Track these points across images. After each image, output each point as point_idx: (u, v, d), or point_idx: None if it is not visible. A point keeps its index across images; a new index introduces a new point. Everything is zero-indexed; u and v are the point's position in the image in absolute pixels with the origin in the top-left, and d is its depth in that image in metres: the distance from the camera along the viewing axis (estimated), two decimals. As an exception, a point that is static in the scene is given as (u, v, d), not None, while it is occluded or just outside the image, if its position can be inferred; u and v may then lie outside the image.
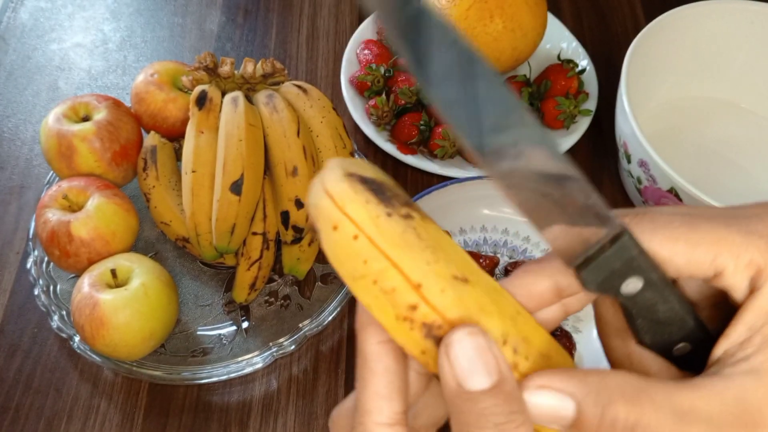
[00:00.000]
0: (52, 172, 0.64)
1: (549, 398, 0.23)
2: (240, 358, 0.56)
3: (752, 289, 0.24)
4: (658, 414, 0.22)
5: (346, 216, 0.24)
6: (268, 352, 0.56)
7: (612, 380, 0.23)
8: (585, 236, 0.24)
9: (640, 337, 0.27)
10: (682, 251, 0.24)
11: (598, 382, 0.23)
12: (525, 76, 0.70)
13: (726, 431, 0.22)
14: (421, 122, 0.66)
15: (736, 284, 0.24)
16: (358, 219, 0.24)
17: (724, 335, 0.24)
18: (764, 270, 0.23)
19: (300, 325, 0.57)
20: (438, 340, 0.24)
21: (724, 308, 0.26)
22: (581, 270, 0.25)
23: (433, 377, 0.26)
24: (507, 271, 0.61)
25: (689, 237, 0.24)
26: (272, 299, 0.59)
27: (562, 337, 0.56)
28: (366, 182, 0.24)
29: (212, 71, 0.58)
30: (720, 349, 0.24)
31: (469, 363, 0.22)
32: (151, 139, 0.61)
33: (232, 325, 0.58)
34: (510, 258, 0.63)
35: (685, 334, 0.27)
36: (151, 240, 0.62)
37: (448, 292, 0.24)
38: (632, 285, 0.25)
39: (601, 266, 0.24)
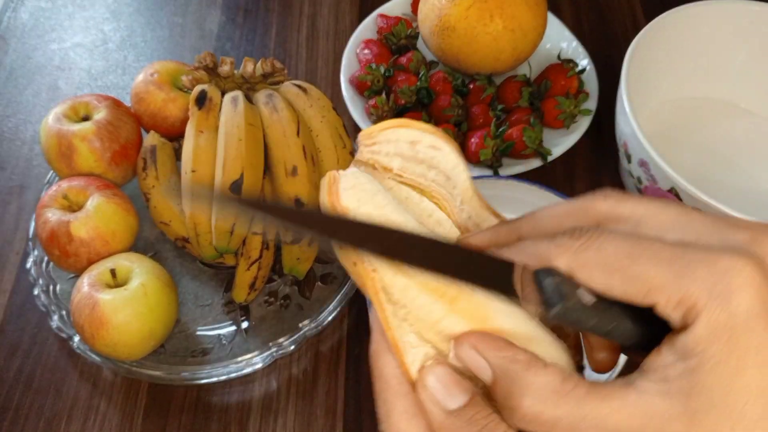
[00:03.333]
0: (52, 171, 0.64)
1: (473, 359, 0.26)
2: (240, 359, 0.56)
3: (684, 324, 0.24)
4: (562, 412, 0.24)
5: None
6: (268, 353, 0.56)
7: (534, 375, 0.25)
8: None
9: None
10: (618, 284, 0.25)
11: (518, 370, 0.26)
12: (525, 75, 0.70)
13: None
14: (421, 122, 0.66)
15: (668, 317, 0.25)
16: None
17: (655, 352, 0.25)
18: (694, 308, 0.24)
19: (300, 325, 0.57)
20: None
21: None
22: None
23: None
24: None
25: (627, 271, 0.25)
26: (272, 299, 0.59)
27: None
28: None
29: (212, 71, 0.58)
30: (648, 363, 0.26)
31: (445, 388, 0.26)
32: (150, 139, 0.60)
33: (231, 325, 0.58)
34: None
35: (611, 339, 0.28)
36: (151, 240, 0.62)
37: None
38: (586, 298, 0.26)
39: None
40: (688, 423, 0.23)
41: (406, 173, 0.30)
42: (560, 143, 0.67)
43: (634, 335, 0.27)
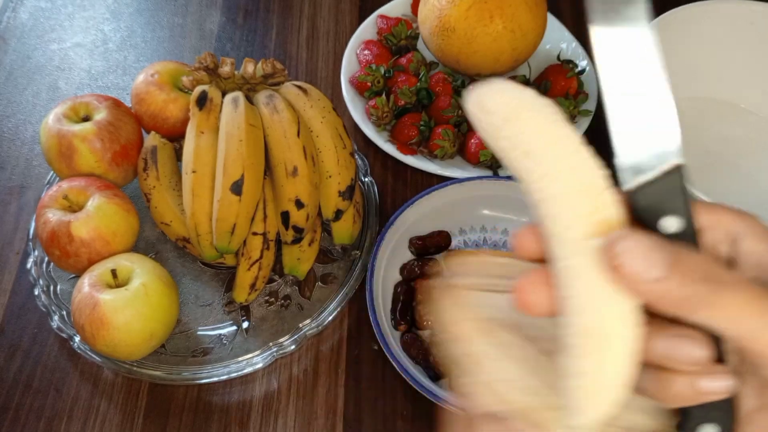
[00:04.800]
0: (52, 172, 0.64)
1: (643, 253, 0.24)
2: (240, 358, 0.56)
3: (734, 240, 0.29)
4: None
5: None
6: (269, 352, 0.56)
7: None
8: (645, 162, 0.27)
9: None
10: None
11: (687, 249, 0.25)
12: (525, 76, 0.70)
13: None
14: (421, 122, 0.66)
15: (717, 241, 0.29)
16: None
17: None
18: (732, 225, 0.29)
19: (300, 325, 0.57)
20: None
21: None
22: (633, 193, 0.27)
23: None
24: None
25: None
26: (272, 299, 0.59)
27: None
28: None
29: (212, 71, 0.58)
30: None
31: None
32: (151, 140, 0.61)
33: (232, 325, 0.58)
34: (510, 258, 0.62)
35: None
36: (152, 240, 0.62)
37: None
38: (670, 224, 0.26)
39: (650, 193, 0.26)
40: None
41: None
42: (560, 143, 0.67)
43: None
